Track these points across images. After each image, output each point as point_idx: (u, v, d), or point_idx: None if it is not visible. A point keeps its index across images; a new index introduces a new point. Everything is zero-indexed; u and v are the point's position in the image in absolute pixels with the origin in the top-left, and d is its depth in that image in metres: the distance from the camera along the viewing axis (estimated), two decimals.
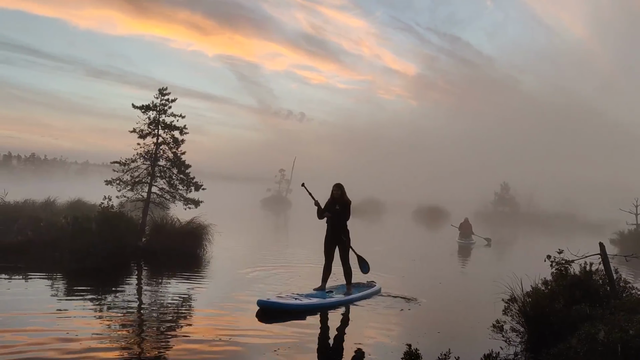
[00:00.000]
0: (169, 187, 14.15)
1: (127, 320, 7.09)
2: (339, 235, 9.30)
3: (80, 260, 10.77)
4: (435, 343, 6.50)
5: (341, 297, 8.96)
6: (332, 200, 9.42)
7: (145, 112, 13.78)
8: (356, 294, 9.27)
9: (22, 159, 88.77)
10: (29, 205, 15.64)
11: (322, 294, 8.90)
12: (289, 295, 8.50)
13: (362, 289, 9.72)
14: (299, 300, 8.16)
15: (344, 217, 9.33)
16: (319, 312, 8.10)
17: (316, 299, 8.49)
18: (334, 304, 8.63)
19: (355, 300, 9.02)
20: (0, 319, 6.64)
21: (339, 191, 9.36)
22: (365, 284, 10.10)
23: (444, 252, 19.66)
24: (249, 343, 6.25)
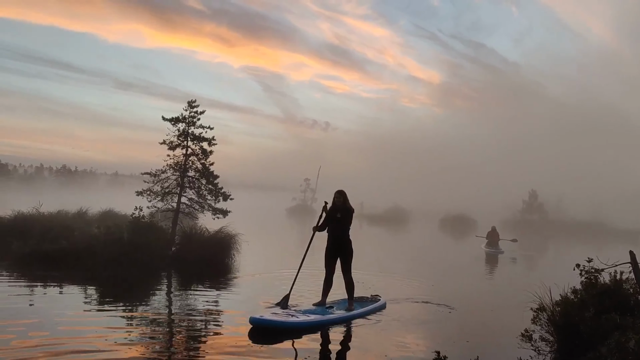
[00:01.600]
0: (197, 198, 14.41)
1: (158, 328, 7.26)
2: (340, 246, 8.65)
3: (113, 268, 11.04)
4: (464, 352, 6.51)
5: (343, 314, 8.26)
6: (333, 207, 8.75)
7: (175, 124, 14.09)
8: (359, 310, 8.57)
9: (53, 170, 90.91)
10: (62, 215, 16.07)
11: (322, 309, 8.28)
12: (284, 312, 7.86)
13: (365, 304, 9.05)
14: (296, 318, 7.51)
15: (345, 226, 8.67)
16: (318, 330, 7.44)
17: (314, 316, 7.83)
18: (335, 321, 7.94)
19: (358, 316, 8.35)
20: (38, 325, 6.87)
21: (341, 198, 8.70)
22: (370, 299, 9.51)
23: (472, 261, 19.52)
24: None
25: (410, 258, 19.73)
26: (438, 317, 8.73)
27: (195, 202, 14.49)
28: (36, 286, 9.78)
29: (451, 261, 19.39)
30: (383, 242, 29.01)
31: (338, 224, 8.62)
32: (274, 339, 6.82)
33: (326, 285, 8.68)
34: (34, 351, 5.73)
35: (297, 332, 7.16)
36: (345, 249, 8.64)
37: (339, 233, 8.64)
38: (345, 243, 8.65)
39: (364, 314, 8.51)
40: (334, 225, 8.65)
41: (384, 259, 18.83)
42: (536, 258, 23.70)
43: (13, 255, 11.88)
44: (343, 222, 8.61)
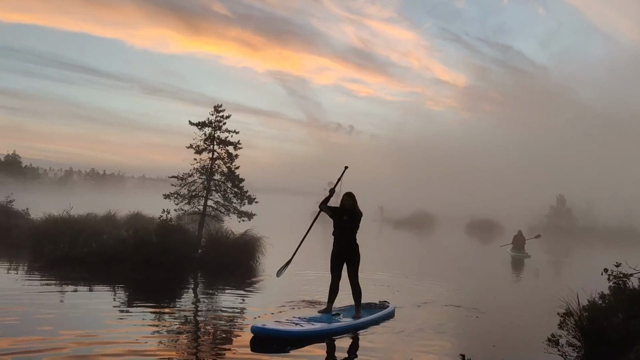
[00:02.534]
0: (223, 201, 14.60)
1: (185, 329, 7.40)
2: (346, 250, 8.27)
3: (141, 271, 11.27)
4: (490, 356, 6.48)
5: (350, 322, 7.89)
6: (341, 211, 8.35)
7: (201, 128, 14.32)
8: (367, 317, 8.22)
9: (82, 174, 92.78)
10: (92, 218, 16.40)
11: (327, 317, 7.91)
12: (288, 320, 7.48)
13: (373, 311, 8.71)
14: (300, 326, 7.16)
15: (352, 230, 8.29)
16: (324, 339, 7.10)
17: (320, 324, 7.46)
18: (342, 329, 7.57)
19: (366, 324, 8.00)
20: (69, 327, 7.06)
21: (350, 200, 8.31)
22: (378, 305, 9.14)
23: (497, 265, 19.32)
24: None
25: (435, 262, 19.62)
26: (463, 322, 8.69)
27: (221, 205, 14.68)
28: (67, 288, 10.02)
29: (477, 265, 19.23)
30: (408, 246, 28.87)
31: (345, 228, 8.25)
32: (277, 348, 6.52)
33: (332, 291, 8.29)
34: (63, 354, 5.89)
35: (302, 341, 6.83)
36: (352, 254, 8.26)
37: (346, 237, 8.25)
38: (352, 247, 8.27)
39: (373, 321, 8.17)
40: (340, 229, 8.28)
41: (409, 262, 18.78)
42: (564, 263, 23.35)
43: (45, 257, 12.19)
44: (350, 225, 8.24)
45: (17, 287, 9.59)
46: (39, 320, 7.20)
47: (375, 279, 12.72)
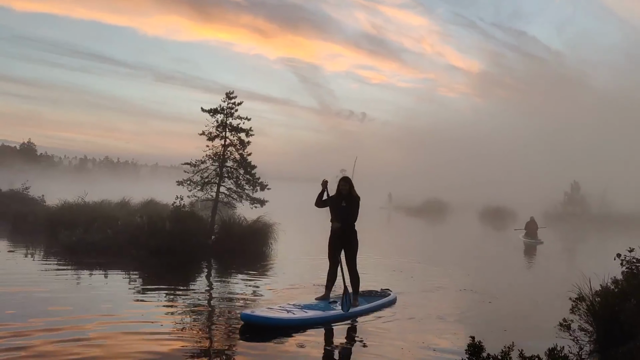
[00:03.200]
0: (236, 187, 14.69)
1: (199, 314, 7.49)
2: (344, 237, 8.03)
3: (155, 256, 11.41)
4: (501, 340, 6.50)
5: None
6: (338, 195, 8.12)
7: (213, 115, 14.37)
8: (365, 305, 8.00)
9: (96, 161, 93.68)
10: (106, 205, 16.59)
11: (324, 304, 7.70)
12: (280, 307, 7.24)
13: (372, 298, 8.44)
14: (292, 314, 6.91)
15: (351, 216, 8.07)
16: (318, 327, 6.93)
17: (313, 312, 7.18)
18: (337, 317, 7.31)
19: (364, 312, 7.78)
20: (87, 309, 7.19)
21: (346, 185, 8.09)
22: (379, 293, 8.87)
23: (510, 252, 19.29)
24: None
25: (448, 249, 19.61)
26: (475, 307, 8.73)
27: (234, 192, 14.76)
28: (83, 273, 10.18)
29: (489, 252, 19.21)
30: (421, 233, 28.88)
31: (342, 214, 8.01)
32: (266, 336, 6.32)
33: (330, 278, 8.13)
34: (82, 333, 6.02)
35: (293, 329, 6.63)
36: (350, 240, 8.06)
37: (344, 223, 8.00)
38: (350, 234, 8.06)
39: (371, 309, 7.94)
40: (339, 215, 8.02)
41: (422, 249, 18.80)
42: (577, 249, 23.25)
43: (61, 243, 12.38)
44: (348, 211, 8.02)
45: (34, 272, 9.78)
46: (57, 302, 7.36)
47: (388, 264, 12.77)
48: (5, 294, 7.76)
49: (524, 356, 4.37)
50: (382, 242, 21.12)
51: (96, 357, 5.24)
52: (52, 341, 5.59)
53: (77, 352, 5.33)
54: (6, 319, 6.38)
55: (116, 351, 5.44)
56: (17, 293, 7.91)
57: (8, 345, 5.34)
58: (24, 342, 5.51)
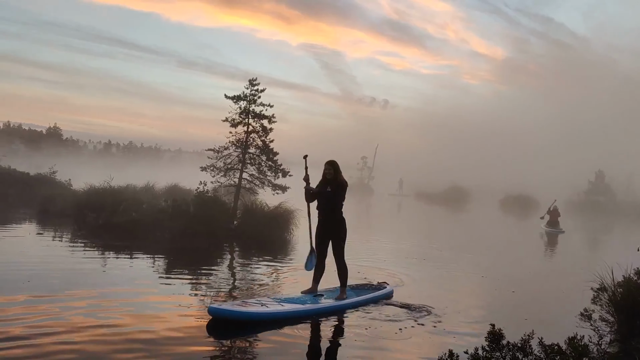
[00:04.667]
0: (258, 174, 14.84)
1: (220, 296, 7.65)
2: (331, 225, 7.51)
3: (179, 240, 11.65)
4: (521, 328, 6.53)
5: (330, 303, 7.13)
6: (323, 181, 7.57)
7: (237, 102, 14.50)
8: (354, 299, 7.44)
9: (121, 146, 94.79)
10: (131, 189, 16.88)
11: (309, 297, 7.17)
12: (257, 300, 6.78)
13: (364, 291, 7.89)
14: (265, 307, 6.38)
15: (336, 202, 7.51)
16: (297, 322, 6.37)
17: (291, 305, 6.65)
18: (317, 311, 6.77)
19: (351, 306, 7.24)
20: (114, 293, 7.41)
21: (331, 170, 7.49)
22: (374, 286, 8.28)
23: (531, 241, 19.18)
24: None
25: (467, 237, 19.56)
26: (496, 296, 8.75)
27: (256, 178, 14.92)
28: (109, 255, 10.44)
29: (510, 240, 19.11)
30: (441, 221, 28.79)
31: (328, 200, 7.48)
32: (234, 332, 5.92)
33: (317, 270, 7.58)
34: (108, 312, 6.23)
35: (266, 324, 6.15)
36: (337, 229, 7.52)
37: (330, 211, 7.49)
38: (337, 222, 7.53)
39: (361, 303, 7.38)
40: (323, 202, 7.51)
41: (441, 237, 18.79)
42: (599, 239, 22.98)
43: (88, 226, 12.67)
44: (333, 197, 7.47)
45: (62, 254, 10.06)
46: (85, 284, 7.59)
47: (404, 251, 12.81)
48: (36, 275, 8.01)
49: (543, 344, 4.41)
50: (397, 230, 21.18)
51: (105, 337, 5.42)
52: (78, 321, 5.80)
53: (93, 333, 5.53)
54: (42, 324, 6.61)
55: (131, 331, 5.64)
56: (46, 273, 8.17)
57: (39, 322, 5.57)
58: (52, 322, 5.73)
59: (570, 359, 4.24)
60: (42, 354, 4.81)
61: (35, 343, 5.03)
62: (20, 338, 5.13)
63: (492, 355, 4.35)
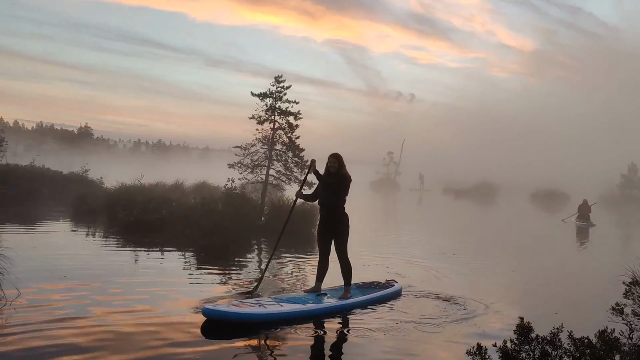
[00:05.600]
0: (285, 170, 14.97)
1: (244, 285, 7.73)
2: (333, 220, 7.21)
3: (208, 236, 11.82)
4: (551, 322, 6.48)
5: (334, 303, 6.79)
6: (326, 174, 7.28)
7: (263, 99, 14.64)
8: (359, 298, 7.08)
9: (150, 145, 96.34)
10: (161, 187, 17.22)
11: (311, 297, 6.88)
12: (256, 300, 6.46)
13: (370, 290, 7.52)
14: (263, 308, 6.05)
15: (338, 197, 7.20)
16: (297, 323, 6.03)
17: (290, 306, 6.32)
18: (319, 312, 6.43)
19: (356, 305, 6.87)
20: (145, 286, 7.59)
21: (335, 163, 7.19)
22: (381, 284, 7.88)
23: (562, 235, 18.88)
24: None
25: (497, 232, 19.36)
26: (525, 290, 8.67)
27: (283, 175, 15.05)
28: (141, 251, 10.67)
29: (540, 235, 18.85)
30: (470, 216, 28.52)
31: (330, 194, 7.19)
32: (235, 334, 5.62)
33: (320, 268, 7.33)
34: (138, 305, 6.39)
35: (265, 325, 5.85)
36: (339, 225, 7.21)
37: (332, 205, 7.19)
38: (339, 217, 7.22)
39: (367, 302, 7.03)
40: (325, 196, 7.21)
41: (469, 232, 18.64)
42: (631, 233, 22.48)
43: (119, 223, 12.96)
44: (336, 192, 7.18)
45: (95, 251, 10.34)
46: (118, 278, 7.80)
47: (435, 245, 12.76)
48: (72, 268, 8.25)
49: (573, 338, 4.37)
50: (426, 225, 21.07)
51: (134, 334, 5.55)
52: (108, 313, 5.98)
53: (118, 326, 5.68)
54: (78, 308, 6.82)
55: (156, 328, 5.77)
56: (79, 269, 8.40)
57: (75, 315, 5.76)
58: (86, 308, 5.92)
59: (600, 352, 4.20)
60: (80, 333, 5.30)
61: (73, 325, 5.50)
62: (61, 320, 5.62)
63: (521, 349, 4.33)
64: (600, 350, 4.21)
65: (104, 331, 5.36)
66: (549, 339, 4.34)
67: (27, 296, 6.36)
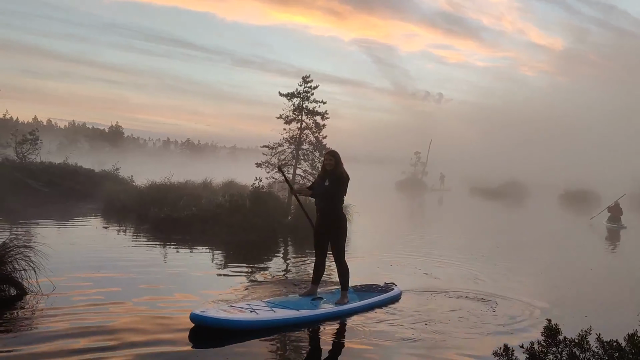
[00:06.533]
0: (311, 169, 15.08)
1: (277, 289, 7.86)
2: (329, 222, 6.77)
3: (236, 233, 12.01)
4: (579, 324, 6.43)
5: (330, 309, 6.36)
6: (322, 173, 6.97)
7: (290, 99, 14.78)
8: (356, 303, 6.70)
9: (179, 144, 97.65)
10: (190, 185, 17.51)
11: (304, 302, 6.47)
12: (248, 304, 6.07)
13: (368, 294, 7.15)
14: (255, 314, 5.73)
15: (337, 197, 6.81)
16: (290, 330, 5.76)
17: (284, 311, 5.95)
18: (313, 318, 6.07)
19: (353, 311, 6.50)
20: (177, 284, 7.77)
21: (332, 160, 6.81)
22: (380, 288, 7.52)
23: (592, 237, 18.57)
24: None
25: (525, 233, 19.13)
26: (554, 293, 8.59)
27: (309, 174, 15.16)
28: (170, 247, 10.90)
29: (569, 236, 18.56)
30: (498, 216, 28.22)
31: (327, 195, 6.78)
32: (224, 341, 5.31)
33: (316, 271, 6.98)
34: (169, 301, 6.56)
35: (255, 332, 5.54)
36: (336, 227, 6.79)
37: (327, 206, 6.77)
38: (336, 219, 6.80)
39: (365, 308, 6.69)
40: (321, 196, 6.81)
41: (497, 233, 18.47)
42: None
43: (150, 220, 13.24)
44: (333, 191, 6.77)
45: (128, 246, 10.59)
46: (151, 273, 8.01)
47: (463, 246, 12.70)
48: (105, 260, 8.50)
49: (601, 341, 4.35)
50: (454, 226, 20.95)
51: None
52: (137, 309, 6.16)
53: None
54: (111, 296, 7.04)
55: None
56: (113, 260, 8.65)
57: (105, 309, 5.97)
58: (114, 310, 6.11)
59: (629, 356, 4.18)
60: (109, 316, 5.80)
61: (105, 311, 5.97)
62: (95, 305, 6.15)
63: (549, 351, 4.33)
64: (630, 353, 4.19)
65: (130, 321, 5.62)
66: (576, 341, 4.33)
67: (61, 291, 6.59)
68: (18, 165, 19.37)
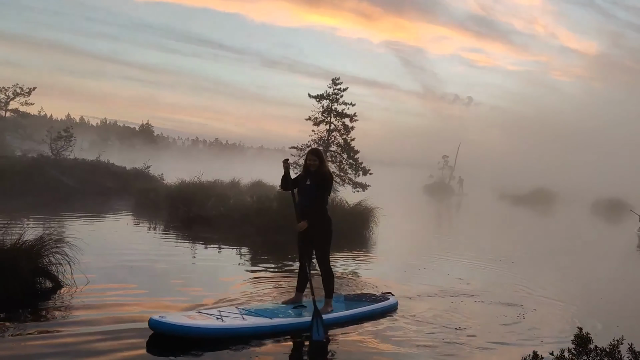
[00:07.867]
0: (339, 171, 15.12)
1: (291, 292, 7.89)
2: (311, 224, 6.13)
3: (263, 234, 12.11)
4: (611, 334, 6.32)
5: (307, 318, 5.56)
6: (304, 173, 6.45)
7: (320, 101, 14.85)
8: (341, 313, 6.17)
9: (207, 143, 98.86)
10: (219, 184, 17.73)
11: (285, 309, 6.02)
12: (211, 311, 5.62)
13: (358, 303, 6.59)
14: (221, 321, 5.28)
15: (317, 198, 6.21)
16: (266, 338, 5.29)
17: (255, 319, 5.50)
18: (287, 328, 5.54)
19: (337, 320, 5.96)
20: (204, 282, 7.89)
21: (316, 160, 6.27)
22: (375, 298, 6.93)
23: (624, 247, 18.15)
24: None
25: (556, 240, 18.82)
26: (586, 302, 8.45)
27: (337, 176, 15.20)
28: (199, 246, 11.06)
29: (601, 245, 18.19)
30: (527, 222, 27.81)
31: (308, 195, 6.23)
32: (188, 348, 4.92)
33: (301, 277, 6.47)
34: (196, 298, 6.67)
35: (220, 341, 5.09)
36: (319, 229, 6.25)
37: (310, 207, 6.17)
38: (319, 220, 6.23)
39: (351, 318, 6.17)
40: (304, 198, 6.26)
41: (527, 240, 18.22)
42: None
43: (179, 218, 13.45)
44: (315, 192, 6.21)
45: (158, 244, 10.80)
46: (180, 271, 8.16)
47: (493, 253, 12.57)
48: (134, 261, 8.67)
49: (634, 350, 4.28)
50: (482, 232, 20.72)
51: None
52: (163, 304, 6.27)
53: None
54: (142, 291, 7.19)
55: None
56: (144, 254, 8.82)
57: (136, 305, 6.10)
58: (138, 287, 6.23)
59: None
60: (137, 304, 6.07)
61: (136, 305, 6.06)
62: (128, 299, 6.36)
63: (579, 359, 4.28)
64: None
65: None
66: (608, 350, 4.27)
67: (94, 284, 6.77)
68: (52, 162, 19.87)
